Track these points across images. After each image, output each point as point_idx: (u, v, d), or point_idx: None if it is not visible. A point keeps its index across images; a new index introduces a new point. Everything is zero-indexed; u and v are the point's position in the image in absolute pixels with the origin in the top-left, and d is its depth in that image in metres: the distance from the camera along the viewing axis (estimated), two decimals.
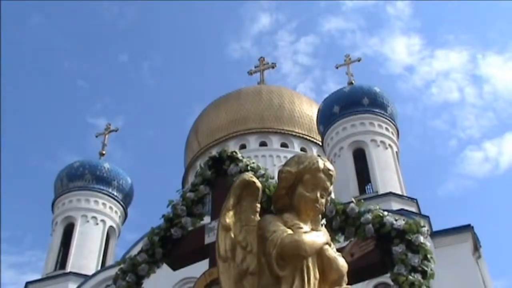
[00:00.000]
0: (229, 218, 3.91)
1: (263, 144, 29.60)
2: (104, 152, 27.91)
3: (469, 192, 63.81)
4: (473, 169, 65.40)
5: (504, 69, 66.99)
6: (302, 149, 29.50)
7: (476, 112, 67.35)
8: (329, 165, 4.05)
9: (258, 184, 4.06)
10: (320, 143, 26.96)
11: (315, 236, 3.72)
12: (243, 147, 28.86)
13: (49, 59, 67.25)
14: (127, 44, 72.19)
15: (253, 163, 6.81)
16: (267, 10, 76.17)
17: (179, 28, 73.21)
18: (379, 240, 5.45)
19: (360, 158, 23.49)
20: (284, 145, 29.80)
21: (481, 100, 68.32)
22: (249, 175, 4.08)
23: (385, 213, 5.65)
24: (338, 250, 4.50)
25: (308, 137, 30.15)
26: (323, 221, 4.92)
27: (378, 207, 5.77)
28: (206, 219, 6.63)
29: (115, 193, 26.16)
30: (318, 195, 3.95)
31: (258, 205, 4.06)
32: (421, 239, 5.34)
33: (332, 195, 5.51)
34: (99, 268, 23.14)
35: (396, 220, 5.52)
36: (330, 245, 3.85)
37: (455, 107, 69.05)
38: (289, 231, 3.68)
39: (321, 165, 3.98)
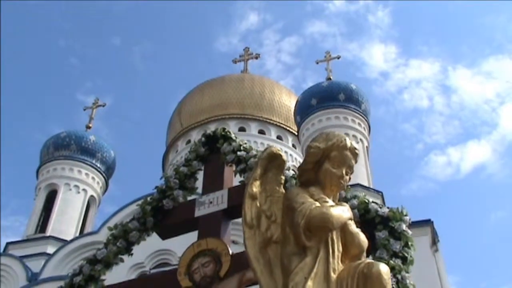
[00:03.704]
0: (256, 187, 3.83)
1: (242, 129, 29.39)
2: (90, 125, 27.46)
3: (431, 193, 64.64)
4: (436, 172, 66.24)
5: (472, 82, 68.08)
6: (278, 137, 29.44)
7: (443, 119, 67.95)
8: (355, 144, 4.00)
9: (285, 157, 4.00)
10: (296, 133, 26.92)
11: (341, 210, 3.67)
12: None
13: (45, 36, 66.28)
14: (121, 29, 71.53)
15: (245, 143, 6.73)
16: (256, 9, 75.62)
17: (171, 19, 72.82)
18: (363, 225, 5.41)
19: None
20: (261, 131, 29.65)
21: (448, 109, 69.15)
22: (276, 148, 4.00)
23: (370, 200, 5.63)
24: None
25: (284, 126, 30.02)
26: None
27: (364, 194, 5.74)
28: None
29: (98, 165, 25.80)
30: (344, 172, 3.91)
31: (283, 177, 4.00)
32: (404, 227, 5.33)
33: None
34: (77, 234, 22.84)
35: (380, 208, 5.50)
36: (352, 221, 3.79)
37: (424, 114, 69.57)
38: (317, 204, 3.63)
39: (348, 143, 3.93)
